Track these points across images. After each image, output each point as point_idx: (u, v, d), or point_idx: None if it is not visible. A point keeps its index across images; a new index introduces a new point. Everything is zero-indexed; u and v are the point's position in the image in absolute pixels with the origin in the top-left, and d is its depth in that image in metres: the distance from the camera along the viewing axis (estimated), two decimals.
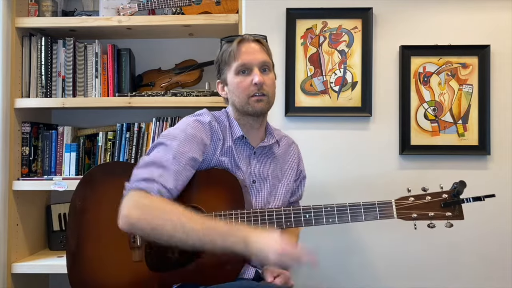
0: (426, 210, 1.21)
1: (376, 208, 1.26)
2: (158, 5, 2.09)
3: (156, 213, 1.22)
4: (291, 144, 1.61)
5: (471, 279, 1.98)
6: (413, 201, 1.22)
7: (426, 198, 1.22)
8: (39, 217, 2.23)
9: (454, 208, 1.21)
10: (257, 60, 1.40)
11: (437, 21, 2.01)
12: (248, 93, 1.40)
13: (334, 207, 1.28)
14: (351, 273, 2.01)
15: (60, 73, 2.11)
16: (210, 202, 1.33)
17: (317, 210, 1.29)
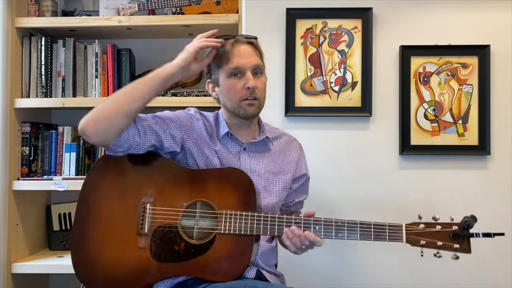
0: (434, 239, 1.22)
1: (386, 230, 1.27)
2: (158, 5, 2.09)
3: (101, 105, 1.34)
4: (292, 141, 1.60)
5: (470, 279, 1.98)
6: (423, 228, 1.23)
7: (436, 227, 1.23)
8: (39, 217, 2.23)
9: (463, 241, 1.22)
10: (250, 64, 1.40)
11: (437, 21, 2.01)
12: (241, 97, 1.40)
13: (345, 223, 1.28)
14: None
15: (60, 73, 2.11)
16: (222, 199, 1.34)
17: (327, 223, 1.30)
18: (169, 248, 1.32)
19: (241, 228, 1.30)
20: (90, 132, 1.32)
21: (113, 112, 1.32)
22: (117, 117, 1.32)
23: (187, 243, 1.31)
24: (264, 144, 1.51)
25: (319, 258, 1.99)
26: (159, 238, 1.33)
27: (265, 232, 1.31)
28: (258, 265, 1.42)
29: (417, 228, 1.22)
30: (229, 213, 1.31)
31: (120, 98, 1.34)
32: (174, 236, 1.32)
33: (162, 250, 1.32)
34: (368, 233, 1.28)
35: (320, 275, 2.01)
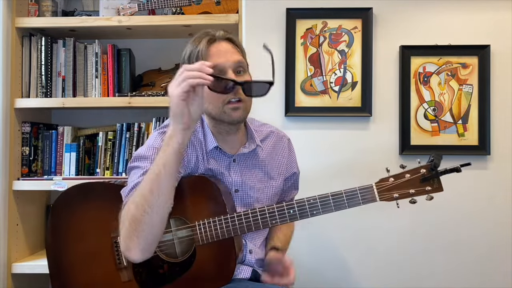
0: (406, 188, 1.21)
1: (358, 194, 1.24)
2: (158, 5, 2.09)
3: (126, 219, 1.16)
4: (280, 140, 1.49)
5: (470, 279, 1.98)
6: (393, 181, 1.22)
7: (406, 176, 1.22)
8: (39, 217, 2.23)
9: (433, 181, 1.21)
10: (231, 61, 1.26)
11: (437, 21, 2.01)
12: (223, 100, 1.25)
13: (317, 199, 1.25)
14: (350, 269, 2.02)
15: (60, 73, 2.11)
16: (192, 211, 1.27)
17: (300, 204, 1.26)
18: (154, 273, 1.29)
19: (218, 234, 1.25)
20: (141, 259, 1.19)
21: (154, 228, 1.16)
22: (158, 230, 1.18)
23: (170, 263, 1.27)
24: (252, 153, 1.40)
25: (317, 257, 1.99)
26: (141, 266, 1.29)
27: (243, 230, 1.26)
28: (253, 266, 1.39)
29: (388, 183, 1.21)
30: (202, 222, 1.25)
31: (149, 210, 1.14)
32: (155, 261, 1.27)
33: (148, 277, 1.29)
34: (342, 201, 1.25)
35: (318, 275, 2.01)
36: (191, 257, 1.26)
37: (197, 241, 1.25)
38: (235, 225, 1.26)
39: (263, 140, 1.45)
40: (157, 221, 1.15)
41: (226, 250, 1.26)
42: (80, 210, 1.36)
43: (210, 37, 1.29)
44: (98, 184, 1.55)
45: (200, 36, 1.30)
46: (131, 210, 1.15)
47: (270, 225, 1.29)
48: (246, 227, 1.26)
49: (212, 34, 1.30)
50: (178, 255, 1.28)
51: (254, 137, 1.40)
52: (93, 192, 1.39)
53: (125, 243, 1.16)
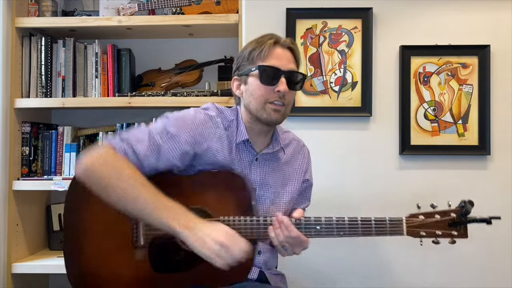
0: (434, 229, 1.23)
1: (387, 225, 1.25)
2: (158, 5, 2.09)
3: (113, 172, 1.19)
4: (301, 148, 1.52)
5: (470, 279, 1.98)
6: (423, 220, 1.24)
7: (435, 217, 1.24)
8: (39, 217, 2.23)
9: (460, 227, 1.24)
10: (287, 68, 1.32)
11: (437, 21, 2.01)
12: (267, 98, 1.31)
13: (346, 222, 1.25)
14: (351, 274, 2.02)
15: (60, 73, 2.11)
16: (218, 205, 1.27)
17: (328, 222, 1.26)
18: (170, 259, 1.27)
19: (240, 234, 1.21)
20: (93, 184, 1.23)
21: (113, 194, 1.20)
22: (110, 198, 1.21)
23: (187, 251, 1.22)
24: (274, 154, 1.43)
25: (320, 258, 1.99)
26: (157, 249, 1.27)
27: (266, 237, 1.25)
28: (261, 267, 1.40)
29: (417, 220, 1.23)
30: (226, 219, 1.25)
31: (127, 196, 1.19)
32: (173, 246, 1.25)
33: (163, 261, 1.27)
34: (370, 228, 1.26)
35: (321, 275, 2.01)
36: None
37: None
38: (259, 229, 1.25)
39: (285, 146, 1.47)
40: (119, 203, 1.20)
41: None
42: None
43: (276, 39, 1.36)
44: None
45: (265, 36, 1.37)
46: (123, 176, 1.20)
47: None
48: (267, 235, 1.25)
49: (277, 37, 1.37)
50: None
51: (279, 140, 1.43)
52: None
53: (92, 174, 1.21)
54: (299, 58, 1.39)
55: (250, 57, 1.35)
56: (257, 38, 1.38)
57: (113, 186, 1.19)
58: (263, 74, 1.31)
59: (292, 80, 1.33)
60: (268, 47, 1.33)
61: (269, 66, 1.31)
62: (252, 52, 1.35)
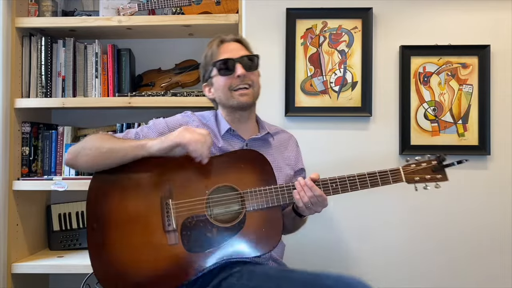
0: (423, 174, 1.46)
1: (389, 174, 1.44)
2: (158, 5, 2.09)
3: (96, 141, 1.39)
4: (289, 138, 1.64)
5: (471, 279, 1.98)
6: (415, 167, 1.46)
7: (422, 165, 1.47)
8: (39, 217, 2.23)
9: (441, 171, 1.48)
10: (238, 55, 1.45)
11: (437, 21, 2.01)
12: (231, 87, 1.45)
13: (356, 177, 1.42)
14: None
15: (60, 73, 2.11)
16: (242, 180, 1.38)
17: (341, 180, 1.41)
18: (202, 237, 1.33)
19: (268, 202, 1.36)
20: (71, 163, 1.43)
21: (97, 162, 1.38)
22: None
23: (219, 227, 1.34)
24: (265, 139, 1.54)
25: (322, 250, 1.99)
26: (189, 230, 1.33)
27: (291, 199, 1.38)
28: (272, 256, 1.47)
29: (411, 168, 1.46)
30: (253, 190, 1.36)
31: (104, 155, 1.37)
32: (204, 225, 1.34)
33: (196, 241, 1.32)
34: (375, 180, 1.43)
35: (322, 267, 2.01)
36: (241, 222, 1.35)
37: (248, 208, 1.35)
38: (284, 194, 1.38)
39: (275, 134, 1.59)
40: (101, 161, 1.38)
41: (274, 215, 1.37)
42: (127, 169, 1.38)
43: (221, 39, 1.49)
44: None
45: (213, 40, 1.51)
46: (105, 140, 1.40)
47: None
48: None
49: (223, 36, 1.51)
50: (228, 221, 1.35)
51: (265, 127, 1.55)
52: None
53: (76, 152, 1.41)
54: (247, 45, 1.52)
55: (206, 62, 1.50)
56: (208, 44, 1.52)
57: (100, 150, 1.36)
58: (220, 68, 1.45)
59: (247, 63, 1.45)
60: (216, 47, 1.48)
61: (222, 59, 1.45)
62: (206, 57, 1.50)
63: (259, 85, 1.51)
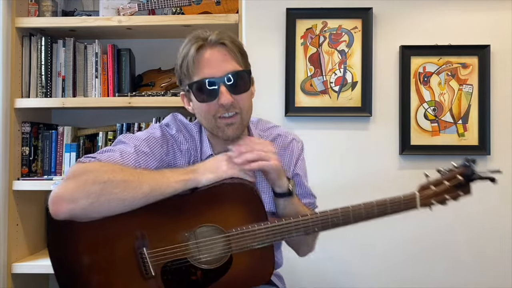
0: (443, 195, 1.24)
1: (402, 202, 1.22)
2: (158, 5, 2.09)
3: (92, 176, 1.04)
4: (288, 143, 1.37)
5: (470, 280, 1.98)
6: (435, 190, 1.24)
7: (445, 183, 1.24)
8: (39, 217, 2.23)
9: (465, 186, 1.25)
10: (222, 73, 1.14)
11: (437, 21, 2.01)
12: (214, 114, 1.17)
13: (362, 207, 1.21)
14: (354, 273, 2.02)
15: (60, 73, 2.11)
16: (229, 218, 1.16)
17: (344, 211, 1.21)
18: (186, 281, 1.17)
19: (257, 242, 1.15)
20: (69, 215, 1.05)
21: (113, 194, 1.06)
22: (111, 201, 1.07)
23: (204, 270, 1.16)
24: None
25: (318, 259, 1.99)
26: (171, 275, 1.16)
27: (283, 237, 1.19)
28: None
29: (429, 192, 1.23)
30: (239, 231, 1.14)
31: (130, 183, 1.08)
32: (187, 268, 1.16)
33: (179, 285, 1.17)
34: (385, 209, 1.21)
35: (317, 276, 2.01)
36: (227, 263, 1.17)
37: (234, 251, 1.16)
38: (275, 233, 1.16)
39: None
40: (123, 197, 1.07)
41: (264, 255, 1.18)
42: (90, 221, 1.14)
43: (201, 42, 1.16)
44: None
45: (190, 40, 1.20)
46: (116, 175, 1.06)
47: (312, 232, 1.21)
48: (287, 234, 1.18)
49: (203, 38, 1.18)
50: (213, 262, 1.17)
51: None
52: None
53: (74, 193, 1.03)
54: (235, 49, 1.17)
55: (182, 70, 1.18)
56: (185, 43, 1.22)
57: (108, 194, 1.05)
58: (197, 93, 1.15)
59: (234, 83, 1.15)
60: (192, 58, 1.15)
61: (199, 81, 1.14)
62: (182, 64, 1.18)
63: (251, 108, 1.22)
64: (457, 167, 1.25)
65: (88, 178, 1.04)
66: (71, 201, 1.03)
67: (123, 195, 1.06)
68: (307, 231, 1.19)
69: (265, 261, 1.19)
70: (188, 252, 1.15)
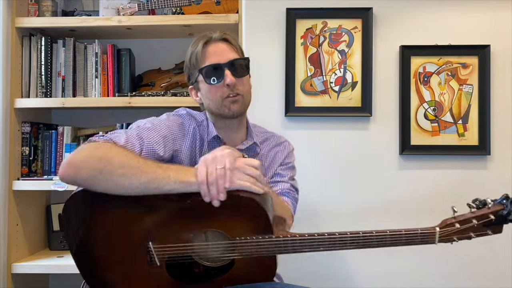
0: (468, 232, 1.14)
1: (419, 236, 1.16)
2: (158, 5, 2.09)
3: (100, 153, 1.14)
4: (280, 143, 1.52)
5: (470, 280, 1.98)
6: (458, 227, 1.13)
7: (472, 222, 1.13)
8: (39, 217, 2.23)
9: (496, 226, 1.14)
10: (226, 60, 1.34)
11: (437, 21, 2.01)
12: (221, 95, 1.34)
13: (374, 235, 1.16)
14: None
15: (60, 73, 2.11)
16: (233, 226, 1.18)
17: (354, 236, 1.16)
18: (189, 272, 1.22)
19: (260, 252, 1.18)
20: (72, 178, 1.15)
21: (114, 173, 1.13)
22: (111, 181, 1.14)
23: (206, 266, 1.21)
24: (251, 150, 1.44)
25: (318, 258, 1.99)
26: (175, 265, 1.21)
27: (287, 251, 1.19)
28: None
29: (452, 229, 1.13)
30: (243, 240, 1.17)
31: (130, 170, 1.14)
32: (190, 263, 1.21)
33: (183, 273, 1.22)
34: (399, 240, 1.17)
35: (318, 276, 2.01)
36: (230, 264, 1.21)
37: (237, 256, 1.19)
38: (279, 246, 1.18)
39: (263, 142, 1.49)
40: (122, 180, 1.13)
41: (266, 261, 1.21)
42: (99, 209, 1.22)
43: (207, 39, 1.37)
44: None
45: (197, 39, 1.39)
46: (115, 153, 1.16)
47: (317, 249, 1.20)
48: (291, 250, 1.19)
49: (208, 36, 1.38)
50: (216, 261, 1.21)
51: (252, 135, 1.45)
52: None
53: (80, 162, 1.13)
54: (236, 44, 1.40)
55: (191, 64, 1.39)
56: (192, 42, 1.41)
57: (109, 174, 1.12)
58: (206, 75, 1.34)
59: (236, 68, 1.34)
60: (200, 50, 1.35)
61: (208, 66, 1.34)
62: (191, 59, 1.39)
63: (250, 93, 1.40)
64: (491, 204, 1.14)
65: (95, 154, 1.15)
66: (77, 168, 1.14)
67: (119, 180, 1.13)
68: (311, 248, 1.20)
69: (266, 269, 1.23)
70: (192, 250, 1.19)
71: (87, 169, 1.13)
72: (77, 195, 1.22)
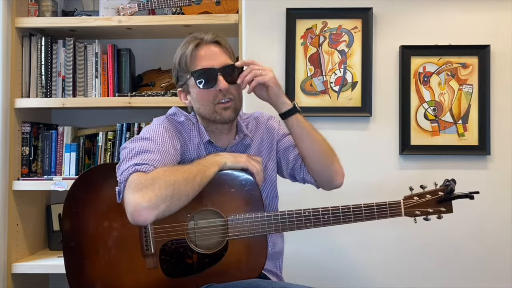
0: (426, 207, 1.38)
1: (387, 208, 1.36)
2: (158, 5, 2.09)
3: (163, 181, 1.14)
4: (266, 121, 1.51)
5: (470, 279, 1.98)
6: (417, 200, 1.38)
7: (427, 197, 1.38)
8: (39, 217, 2.23)
9: (447, 203, 1.39)
10: (219, 64, 1.31)
11: (437, 21, 2.01)
12: (213, 100, 1.32)
13: (351, 208, 1.35)
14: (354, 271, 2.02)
15: (60, 73, 2.11)
16: (228, 205, 1.29)
17: (334, 211, 1.35)
18: (181, 263, 1.27)
19: (253, 231, 1.28)
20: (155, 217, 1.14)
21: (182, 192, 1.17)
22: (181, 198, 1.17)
23: (200, 254, 1.27)
24: (242, 143, 1.44)
25: (318, 257, 1.99)
26: (169, 255, 1.27)
27: (277, 230, 1.31)
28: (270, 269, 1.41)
29: (413, 201, 1.37)
30: (238, 217, 1.28)
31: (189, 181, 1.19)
32: (184, 250, 1.27)
33: (175, 266, 1.27)
34: (372, 213, 1.35)
35: (318, 275, 2.01)
36: (222, 250, 1.27)
37: (231, 236, 1.27)
38: (270, 224, 1.30)
39: (250, 131, 1.47)
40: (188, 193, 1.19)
41: (258, 244, 1.29)
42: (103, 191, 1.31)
43: (198, 40, 1.33)
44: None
45: (188, 40, 1.35)
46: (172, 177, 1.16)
47: (304, 227, 1.33)
48: (281, 227, 1.31)
49: (200, 37, 1.34)
50: (210, 247, 1.28)
51: (243, 128, 1.44)
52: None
53: (154, 201, 1.11)
54: (228, 47, 1.37)
55: (181, 66, 1.34)
56: (182, 43, 1.37)
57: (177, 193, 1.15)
58: (198, 79, 1.31)
59: (229, 73, 1.32)
60: (190, 53, 1.32)
61: (200, 70, 1.30)
62: (180, 61, 1.34)
63: (241, 97, 1.38)
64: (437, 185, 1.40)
65: (160, 185, 1.14)
66: (154, 208, 1.12)
67: (187, 190, 1.17)
68: (299, 226, 1.33)
69: (258, 253, 1.29)
70: (187, 233, 1.27)
71: (162, 202, 1.13)
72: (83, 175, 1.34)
